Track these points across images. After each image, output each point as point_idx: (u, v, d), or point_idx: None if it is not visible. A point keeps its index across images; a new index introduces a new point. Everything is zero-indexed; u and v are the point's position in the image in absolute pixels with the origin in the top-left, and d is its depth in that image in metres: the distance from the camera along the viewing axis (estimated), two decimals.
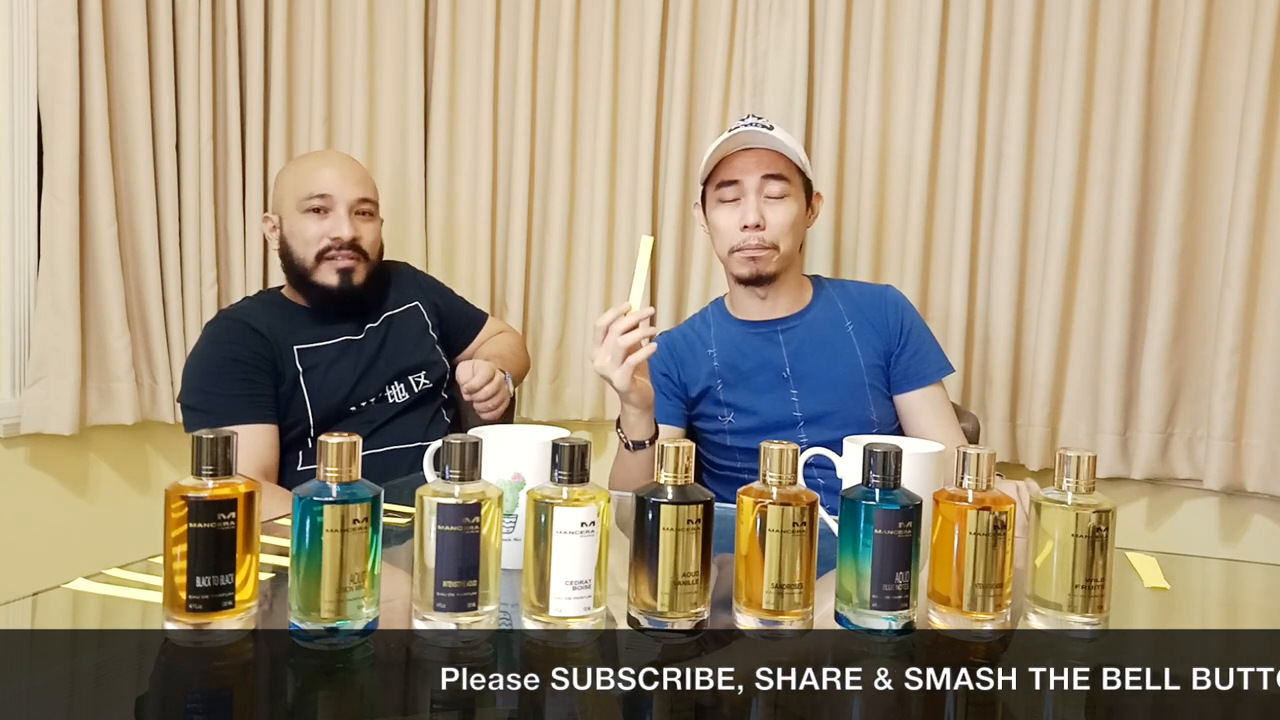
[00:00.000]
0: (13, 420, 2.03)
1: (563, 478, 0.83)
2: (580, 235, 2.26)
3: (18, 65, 1.99)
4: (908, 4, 2.05)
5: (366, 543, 0.81)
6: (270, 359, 1.67)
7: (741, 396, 1.62)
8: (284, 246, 1.75)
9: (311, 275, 1.71)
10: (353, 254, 1.71)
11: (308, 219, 1.70)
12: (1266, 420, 1.88)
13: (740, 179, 1.56)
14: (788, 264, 1.61)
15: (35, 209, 2.04)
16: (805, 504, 0.85)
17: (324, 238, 1.70)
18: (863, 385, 1.61)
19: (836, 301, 1.67)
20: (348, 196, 1.71)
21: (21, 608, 0.91)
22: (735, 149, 1.57)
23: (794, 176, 1.58)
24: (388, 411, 1.74)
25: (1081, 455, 0.88)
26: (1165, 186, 1.91)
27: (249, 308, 1.77)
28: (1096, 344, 1.98)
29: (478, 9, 2.25)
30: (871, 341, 1.63)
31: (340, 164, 1.77)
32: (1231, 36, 1.89)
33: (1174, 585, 1.09)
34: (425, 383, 1.79)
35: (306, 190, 1.71)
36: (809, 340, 1.63)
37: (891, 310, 1.65)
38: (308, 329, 1.73)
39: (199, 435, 0.80)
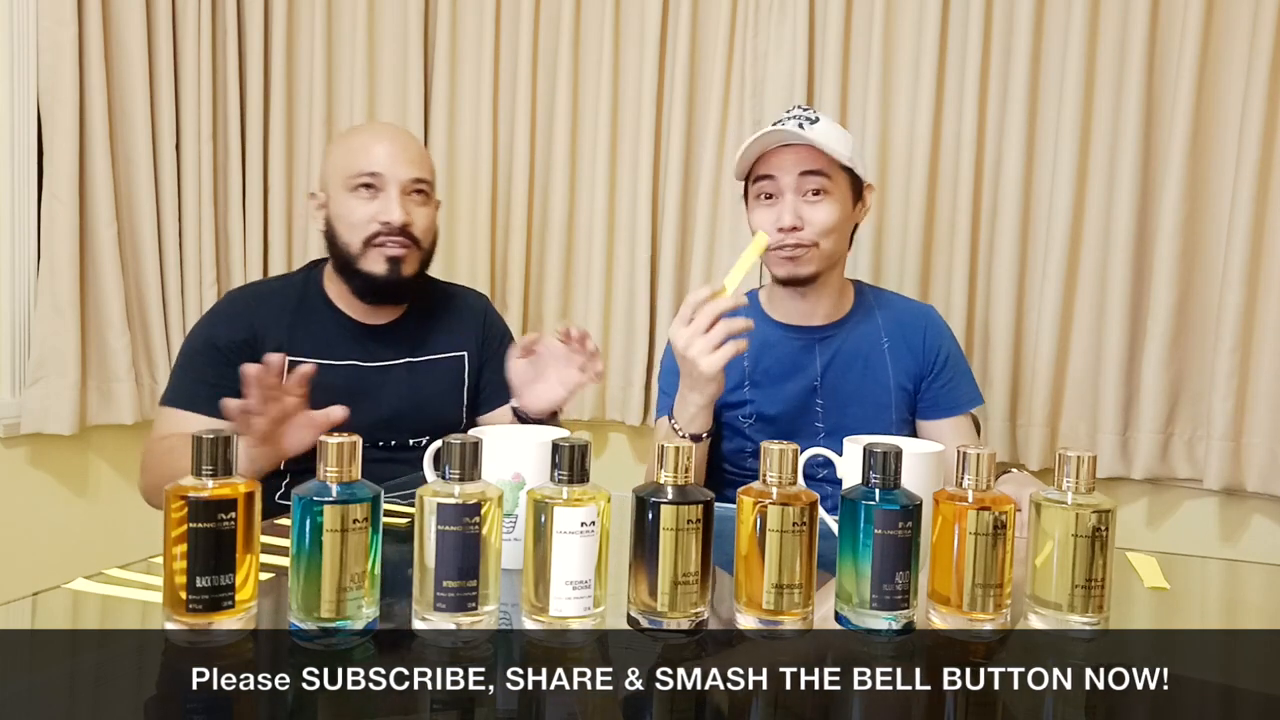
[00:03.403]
0: (13, 420, 2.03)
1: (563, 478, 0.83)
2: (580, 235, 2.26)
3: (18, 65, 1.99)
4: (908, 4, 2.05)
5: (366, 543, 0.81)
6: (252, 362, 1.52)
7: (767, 400, 1.58)
8: (329, 228, 1.58)
9: (357, 262, 1.54)
10: (404, 240, 1.54)
11: (355, 199, 1.54)
12: (1266, 420, 1.88)
13: (776, 175, 1.49)
14: (829, 264, 1.54)
15: (35, 209, 2.04)
16: (805, 504, 0.85)
17: (372, 221, 1.53)
18: (889, 405, 1.57)
19: (876, 314, 1.61)
20: (400, 176, 1.54)
21: (21, 608, 0.91)
22: (772, 145, 1.49)
23: (836, 173, 1.50)
24: (368, 454, 1.48)
25: (1081, 455, 0.88)
26: (1165, 187, 1.91)
27: (266, 295, 1.61)
28: (1096, 344, 1.98)
29: (478, 9, 2.25)
30: (905, 363, 1.58)
31: (394, 139, 1.58)
32: (1231, 36, 1.89)
33: (1174, 585, 1.09)
34: (425, 442, 1.56)
35: (355, 167, 1.53)
36: (844, 352, 1.58)
37: (931, 334, 1.60)
38: (313, 339, 1.56)
39: (199, 435, 0.80)
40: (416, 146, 1.60)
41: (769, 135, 1.48)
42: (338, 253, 1.57)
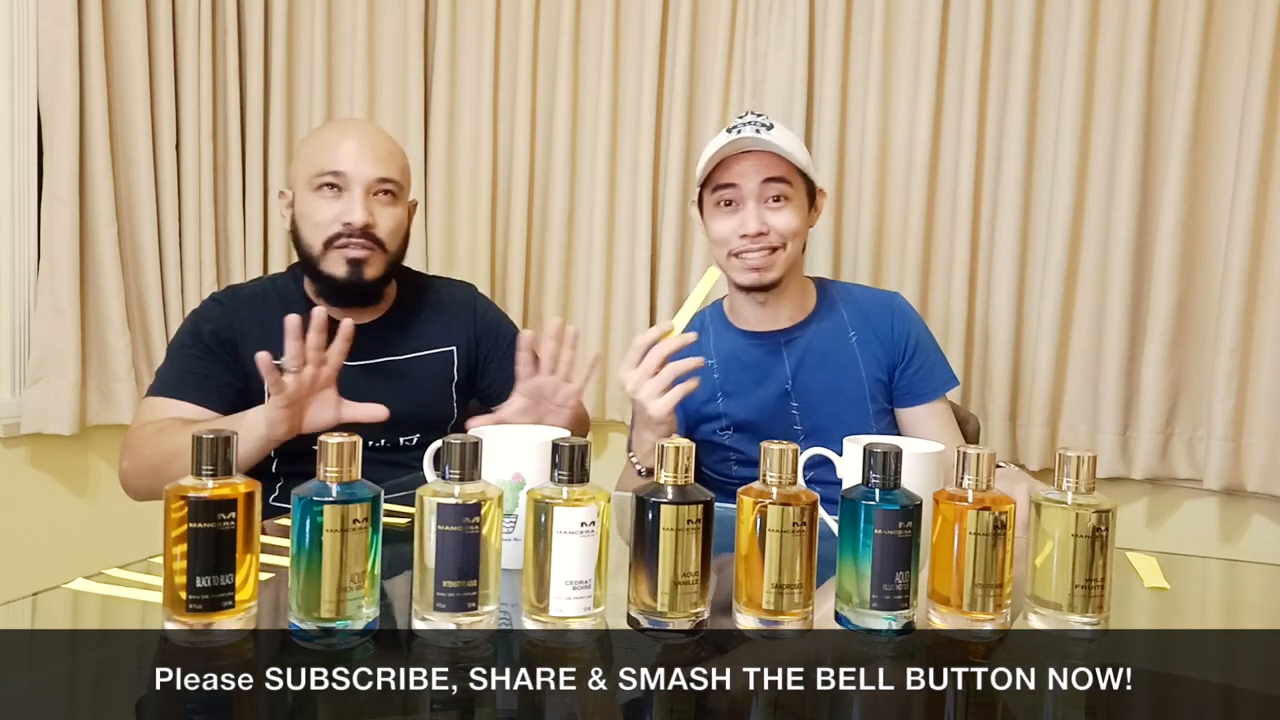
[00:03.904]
0: (13, 420, 2.03)
1: (563, 478, 0.83)
2: (580, 235, 2.26)
3: (18, 65, 1.99)
4: (908, 4, 2.05)
5: (366, 543, 0.81)
6: (237, 364, 1.48)
7: (742, 409, 1.58)
8: (294, 227, 1.54)
9: (319, 263, 1.51)
10: (366, 243, 1.49)
11: (319, 199, 1.49)
12: (1266, 420, 1.89)
13: (739, 184, 1.50)
14: (790, 268, 1.55)
15: (35, 209, 2.04)
16: (805, 504, 0.85)
17: (335, 221, 1.48)
18: (864, 399, 1.58)
19: (840, 309, 1.62)
20: (365, 175, 1.48)
21: (21, 608, 0.91)
22: (734, 152, 1.51)
23: (795, 179, 1.52)
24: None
25: (1081, 455, 0.87)
26: (1165, 187, 1.91)
27: (247, 297, 1.58)
28: (1096, 344, 1.98)
29: (478, 9, 2.25)
30: (875, 354, 1.59)
31: (362, 136, 1.52)
32: (1231, 36, 1.89)
33: (1174, 585, 1.09)
34: (416, 440, 1.55)
35: (319, 165, 1.49)
36: (812, 352, 1.59)
37: (898, 321, 1.60)
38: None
39: (199, 435, 0.80)
40: (386, 145, 1.55)
41: (735, 141, 1.48)
42: (302, 253, 1.53)
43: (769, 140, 1.48)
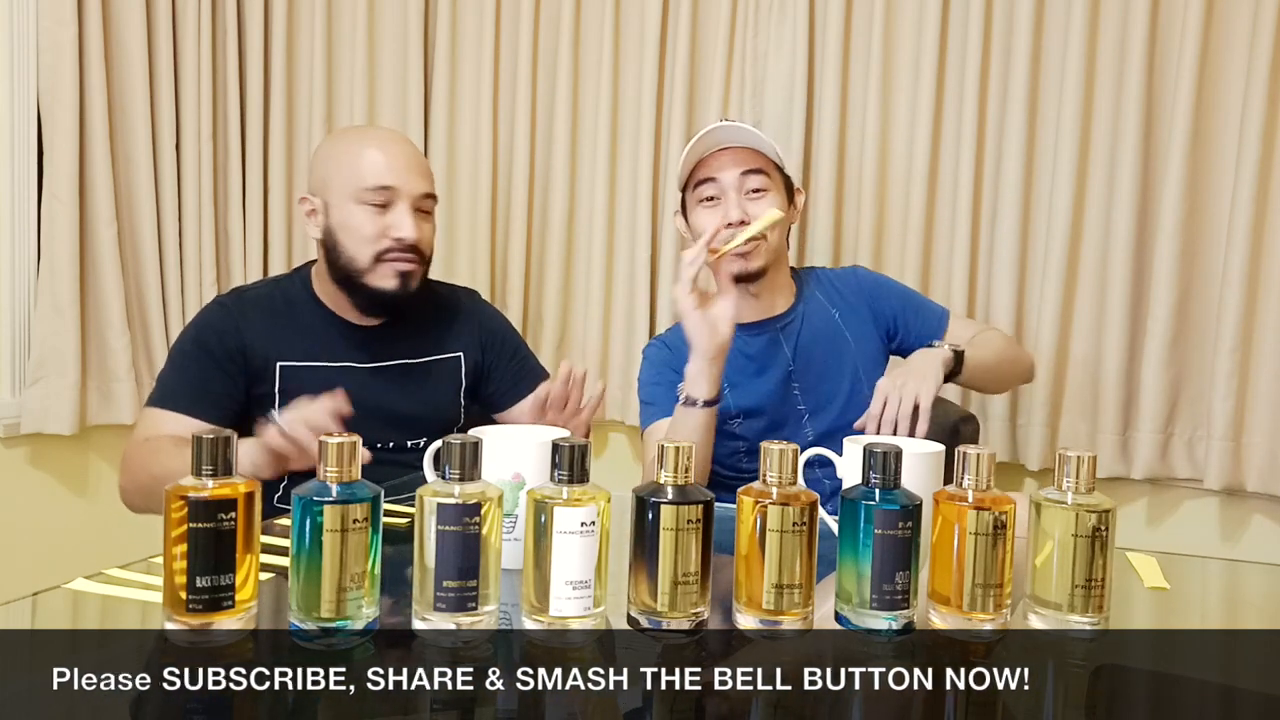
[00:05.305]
0: (13, 420, 2.03)
1: (563, 478, 0.83)
2: (580, 235, 2.26)
3: (18, 65, 1.99)
4: (908, 4, 2.05)
5: (366, 543, 0.81)
6: (243, 372, 1.48)
7: (748, 397, 1.61)
8: (330, 238, 1.50)
9: (364, 276, 1.49)
10: (413, 256, 1.49)
11: (365, 212, 1.47)
12: (1266, 420, 1.88)
13: (718, 177, 1.55)
14: (775, 258, 1.61)
15: (35, 209, 2.04)
16: (805, 504, 0.85)
17: (383, 236, 1.47)
18: (857, 369, 1.62)
19: (817, 290, 1.68)
20: (412, 190, 1.49)
21: (21, 608, 0.91)
22: (710, 149, 1.56)
23: (772, 172, 1.58)
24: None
25: (1081, 455, 0.88)
26: (1165, 186, 1.91)
27: (253, 300, 1.55)
28: (1096, 343, 1.98)
29: (478, 9, 2.25)
30: (859, 326, 1.65)
31: (403, 150, 1.52)
32: (1231, 36, 1.89)
33: (1174, 585, 1.09)
34: (423, 443, 1.51)
35: (366, 179, 1.47)
36: (807, 333, 1.64)
37: (870, 290, 1.68)
38: (306, 341, 1.52)
39: (198, 435, 0.80)
40: (420, 156, 1.57)
41: (710, 135, 1.55)
42: (340, 264, 1.51)
43: (743, 127, 1.57)
